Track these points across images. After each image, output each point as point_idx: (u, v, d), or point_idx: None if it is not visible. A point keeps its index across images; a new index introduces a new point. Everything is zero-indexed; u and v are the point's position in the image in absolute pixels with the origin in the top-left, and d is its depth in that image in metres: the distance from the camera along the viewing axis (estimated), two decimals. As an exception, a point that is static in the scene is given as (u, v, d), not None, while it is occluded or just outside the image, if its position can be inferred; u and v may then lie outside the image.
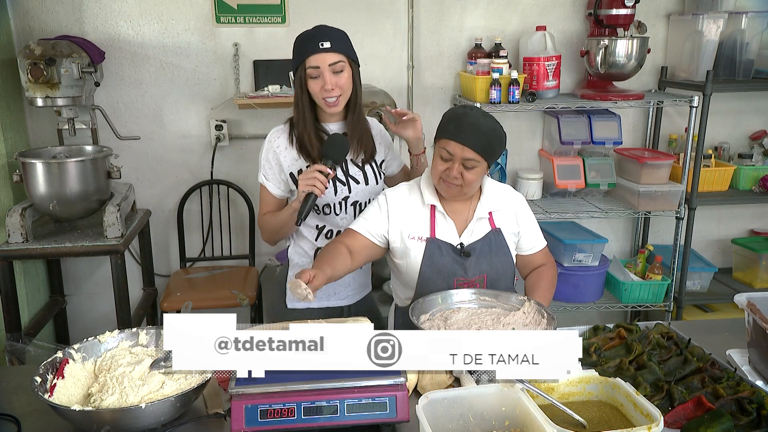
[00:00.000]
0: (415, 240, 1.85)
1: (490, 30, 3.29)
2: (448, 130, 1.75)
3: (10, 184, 2.83)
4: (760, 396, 1.43)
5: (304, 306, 2.01)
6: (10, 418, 1.42)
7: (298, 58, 1.87)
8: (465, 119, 1.74)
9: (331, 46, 1.84)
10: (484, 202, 1.88)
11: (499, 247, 1.88)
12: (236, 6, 3.10)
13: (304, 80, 1.87)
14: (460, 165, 1.74)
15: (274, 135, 1.98)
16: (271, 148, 1.96)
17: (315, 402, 1.32)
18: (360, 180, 1.98)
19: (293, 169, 1.95)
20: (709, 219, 3.66)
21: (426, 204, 1.87)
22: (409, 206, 1.88)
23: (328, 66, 1.83)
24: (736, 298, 1.66)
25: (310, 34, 1.88)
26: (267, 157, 1.97)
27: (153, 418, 1.32)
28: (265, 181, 1.98)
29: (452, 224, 1.87)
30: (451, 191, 1.81)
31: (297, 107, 1.93)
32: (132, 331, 1.60)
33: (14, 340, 2.63)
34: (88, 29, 3.03)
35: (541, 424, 1.21)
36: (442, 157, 1.76)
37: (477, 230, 1.88)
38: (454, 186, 1.78)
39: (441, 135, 1.78)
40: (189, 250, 3.33)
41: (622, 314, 3.68)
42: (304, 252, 2.05)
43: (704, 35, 3.19)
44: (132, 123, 3.16)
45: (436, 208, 1.86)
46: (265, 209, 2.01)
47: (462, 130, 1.73)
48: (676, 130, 3.51)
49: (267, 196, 2.00)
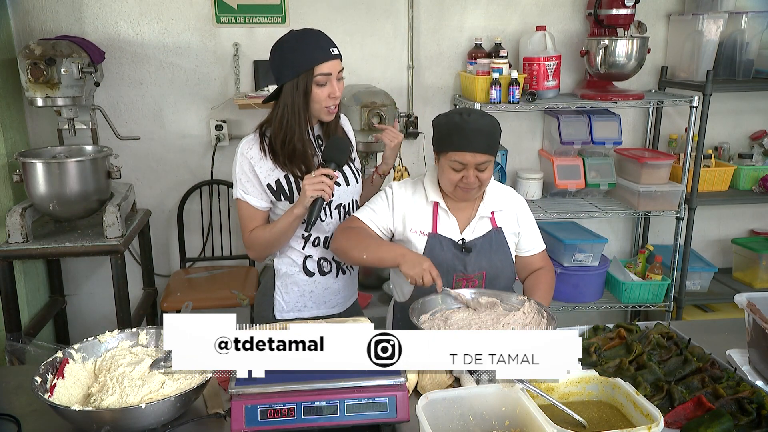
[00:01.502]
0: (417, 234, 1.88)
1: (490, 30, 3.29)
2: (453, 142, 1.76)
3: (10, 184, 2.83)
4: (760, 396, 1.43)
5: (295, 316, 2.00)
6: (10, 418, 1.42)
7: (305, 63, 1.77)
8: (466, 126, 1.74)
9: (338, 53, 1.82)
10: (486, 201, 1.91)
11: (500, 246, 1.91)
12: (236, 6, 3.10)
13: (309, 87, 1.80)
14: (474, 170, 1.77)
15: (245, 146, 1.87)
16: (245, 161, 1.86)
17: (315, 402, 1.32)
18: (341, 182, 1.94)
19: (270, 179, 1.87)
20: (709, 219, 3.66)
21: (429, 201, 1.89)
22: (414, 201, 1.91)
23: (337, 73, 1.81)
24: (736, 298, 1.67)
25: (313, 38, 1.81)
26: (243, 170, 1.87)
27: (153, 418, 1.32)
28: (245, 195, 1.88)
29: (454, 221, 1.90)
30: (469, 195, 1.84)
31: (291, 116, 1.82)
32: (132, 331, 1.60)
33: (14, 340, 2.62)
34: (88, 29, 3.03)
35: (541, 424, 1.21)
36: (454, 169, 1.78)
37: (478, 228, 1.90)
38: (471, 190, 1.81)
39: (447, 148, 1.78)
40: (189, 250, 3.33)
41: (622, 314, 3.68)
42: (292, 261, 1.98)
43: (704, 35, 3.19)
44: (132, 123, 3.16)
45: (439, 205, 1.89)
46: (251, 225, 1.91)
47: (469, 139, 1.74)
48: (676, 130, 3.51)
49: (250, 212, 1.91)
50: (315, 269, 1.99)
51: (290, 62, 1.80)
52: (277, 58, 1.83)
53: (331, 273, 2.01)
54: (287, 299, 2.01)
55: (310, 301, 2.02)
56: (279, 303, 2.02)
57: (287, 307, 2.01)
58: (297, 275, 1.99)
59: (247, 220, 1.92)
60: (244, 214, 1.92)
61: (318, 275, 1.99)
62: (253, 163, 1.86)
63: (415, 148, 3.38)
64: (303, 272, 1.98)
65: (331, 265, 2.01)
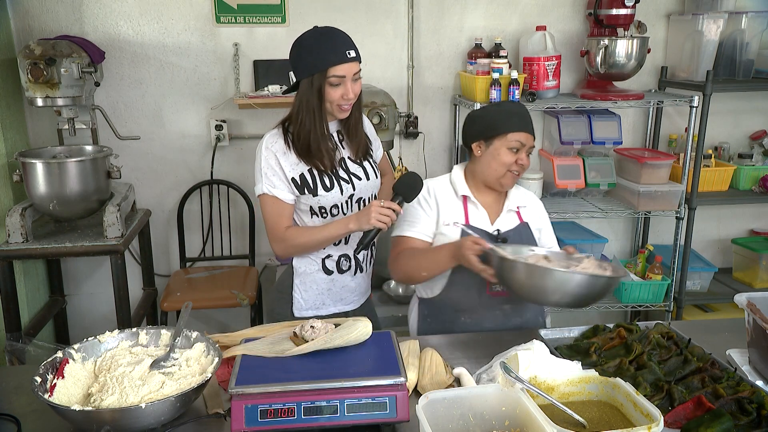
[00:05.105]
0: (450, 226, 1.93)
1: (490, 30, 3.29)
2: (513, 123, 1.89)
3: (10, 184, 2.83)
4: (760, 396, 1.43)
5: (313, 314, 2.01)
6: (10, 418, 1.42)
7: (320, 65, 1.79)
8: (519, 111, 1.92)
9: (355, 56, 1.82)
10: (511, 196, 2.01)
11: (528, 240, 1.97)
12: (236, 6, 3.10)
13: (323, 87, 1.81)
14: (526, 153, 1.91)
15: (270, 141, 1.89)
16: (270, 154, 1.88)
17: (315, 402, 1.32)
18: (362, 176, 1.97)
19: (294, 173, 1.88)
20: (709, 219, 3.66)
21: (459, 195, 1.96)
22: (445, 196, 1.98)
23: (352, 75, 1.82)
24: (736, 298, 1.66)
25: (330, 40, 1.81)
26: (269, 165, 1.88)
27: (153, 418, 1.32)
28: (273, 190, 1.88)
29: (485, 213, 1.97)
30: (515, 180, 1.96)
31: (305, 113, 1.85)
32: (132, 331, 1.60)
33: (14, 340, 2.63)
34: (88, 29, 3.03)
35: (541, 424, 1.21)
36: (512, 149, 1.89)
37: (507, 221, 1.97)
38: (521, 174, 1.94)
39: (506, 129, 1.89)
40: (189, 250, 3.33)
41: (622, 314, 3.68)
42: (311, 261, 2.00)
43: (704, 35, 3.19)
44: (132, 123, 3.16)
45: (469, 198, 1.96)
46: (281, 221, 1.90)
47: (525, 121, 1.91)
48: (676, 130, 3.51)
49: (279, 207, 1.90)
50: (334, 267, 2.01)
51: (306, 62, 1.82)
52: (295, 56, 1.86)
53: (349, 271, 2.03)
54: (306, 297, 2.03)
55: (328, 298, 2.04)
56: (298, 301, 2.03)
57: (306, 305, 2.03)
58: (316, 274, 2.00)
59: (276, 216, 1.91)
60: (271, 209, 1.91)
61: (336, 273, 2.01)
62: (279, 156, 1.88)
63: (415, 148, 3.38)
64: (322, 271, 2.00)
65: (350, 263, 2.02)
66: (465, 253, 1.73)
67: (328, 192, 1.90)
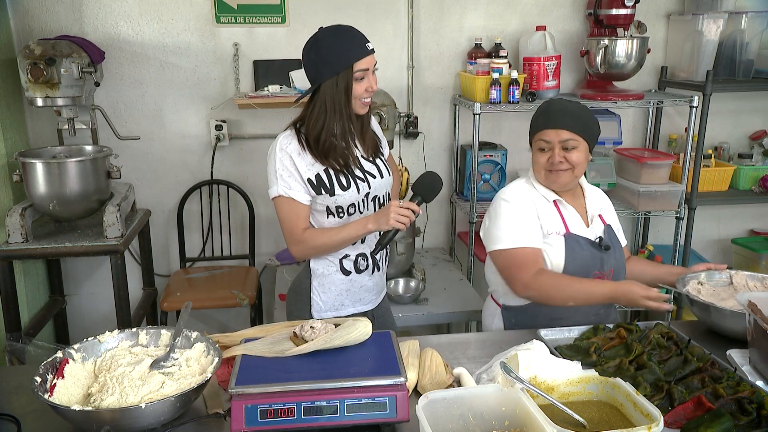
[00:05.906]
0: (553, 235, 1.89)
1: (490, 30, 3.29)
2: (538, 123, 1.87)
3: (10, 184, 2.83)
4: (760, 396, 1.43)
5: (333, 315, 2.00)
6: (10, 418, 1.42)
7: (345, 61, 1.78)
8: (551, 107, 1.87)
9: (372, 48, 1.83)
10: (589, 198, 1.99)
11: (616, 242, 1.97)
12: (236, 6, 3.10)
13: (350, 84, 1.80)
14: (560, 149, 1.83)
15: (284, 142, 1.86)
16: (285, 156, 1.85)
17: (315, 402, 1.32)
18: (375, 174, 1.96)
19: (310, 174, 1.86)
20: (709, 219, 3.66)
21: (549, 200, 1.93)
22: (539, 204, 1.93)
23: (373, 67, 1.83)
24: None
25: (349, 35, 1.82)
26: (284, 166, 1.85)
27: (153, 418, 1.32)
28: (289, 191, 1.85)
29: (579, 218, 1.94)
30: (561, 178, 1.87)
31: (331, 114, 1.83)
32: (132, 331, 1.59)
33: (14, 340, 2.63)
34: (88, 29, 3.03)
35: (541, 424, 1.21)
36: (541, 149, 1.86)
37: (596, 226, 1.96)
38: (562, 172, 1.85)
39: (533, 130, 1.88)
40: (189, 250, 3.33)
41: (622, 314, 3.68)
42: (329, 262, 1.98)
43: (704, 35, 3.19)
44: (132, 123, 3.16)
45: (559, 203, 1.93)
46: (299, 223, 1.88)
47: (551, 117, 1.85)
48: (676, 130, 3.51)
49: (296, 208, 1.87)
50: (351, 268, 1.99)
51: (329, 60, 1.79)
52: (314, 57, 1.82)
53: (367, 270, 2.02)
54: (325, 299, 2.01)
55: (347, 299, 2.02)
56: (317, 303, 2.01)
57: (325, 306, 2.01)
58: (334, 275, 1.99)
59: (293, 218, 1.89)
60: (288, 211, 1.88)
61: (354, 273, 2.00)
62: (294, 157, 1.85)
63: (415, 148, 3.38)
64: (340, 271, 1.99)
65: (368, 262, 2.01)
66: (638, 300, 1.77)
67: (345, 191, 1.89)
